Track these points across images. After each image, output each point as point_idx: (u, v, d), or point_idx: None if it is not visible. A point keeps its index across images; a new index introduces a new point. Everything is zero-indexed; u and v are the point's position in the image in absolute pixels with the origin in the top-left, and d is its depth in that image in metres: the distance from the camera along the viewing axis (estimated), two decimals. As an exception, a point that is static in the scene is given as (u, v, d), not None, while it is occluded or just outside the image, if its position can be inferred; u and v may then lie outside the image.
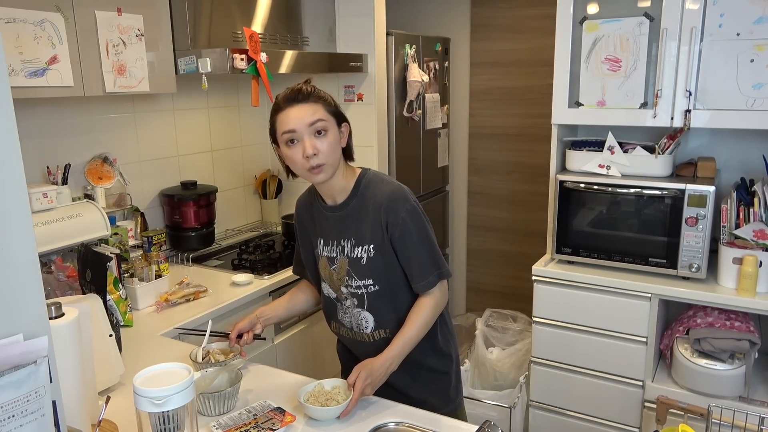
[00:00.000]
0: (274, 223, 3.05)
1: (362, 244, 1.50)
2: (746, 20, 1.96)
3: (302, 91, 1.42)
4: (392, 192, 1.50)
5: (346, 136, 1.51)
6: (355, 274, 1.52)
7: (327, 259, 1.57)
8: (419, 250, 1.49)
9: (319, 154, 1.40)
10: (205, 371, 1.41)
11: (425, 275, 1.50)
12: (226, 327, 2.09)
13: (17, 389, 0.69)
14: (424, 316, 1.50)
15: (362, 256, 1.50)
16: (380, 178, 1.54)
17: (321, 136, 1.41)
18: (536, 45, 3.41)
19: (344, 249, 1.53)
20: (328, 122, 1.43)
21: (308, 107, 1.41)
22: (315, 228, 1.60)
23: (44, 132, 2.12)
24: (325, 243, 1.57)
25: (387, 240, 1.48)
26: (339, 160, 1.48)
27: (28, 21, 1.68)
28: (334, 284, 1.58)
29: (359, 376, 1.37)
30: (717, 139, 2.38)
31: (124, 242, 2.16)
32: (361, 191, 1.52)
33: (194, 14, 2.16)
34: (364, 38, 2.77)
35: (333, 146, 1.44)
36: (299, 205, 1.68)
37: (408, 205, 1.48)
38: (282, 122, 1.43)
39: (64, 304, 1.17)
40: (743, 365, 2.00)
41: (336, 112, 1.47)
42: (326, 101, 1.45)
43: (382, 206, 1.48)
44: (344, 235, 1.52)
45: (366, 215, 1.50)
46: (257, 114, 3.06)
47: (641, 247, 2.20)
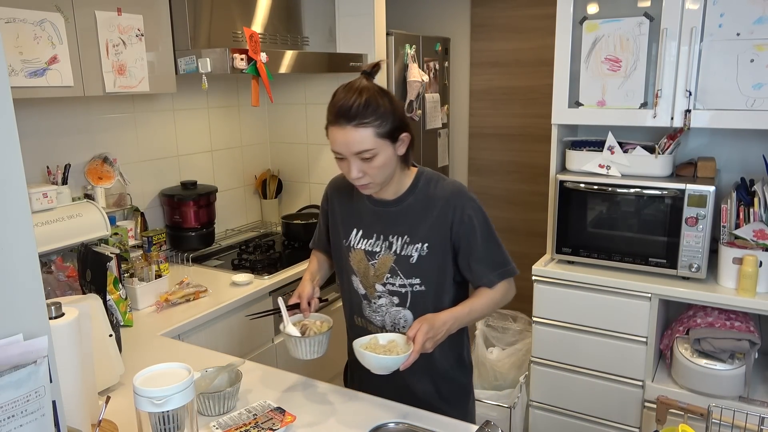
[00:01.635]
0: (274, 223, 3.05)
1: (416, 242, 1.44)
2: (746, 20, 1.96)
3: (352, 109, 1.30)
4: (455, 189, 1.45)
5: (405, 146, 1.41)
6: (401, 272, 1.46)
7: (365, 253, 1.50)
8: (485, 247, 1.44)
9: (365, 176, 1.36)
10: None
11: (488, 273, 1.44)
12: (226, 329, 2.10)
13: (17, 389, 0.69)
14: (494, 295, 1.45)
15: (413, 254, 1.44)
16: (438, 176, 1.49)
17: (368, 160, 1.34)
18: (536, 45, 3.41)
19: (392, 245, 1.46)
20: (377, 149, 1.33)
21: (356, 134, 1.31)
22: (351, 218, 1.54)
23: (44, 132, 2.12)
24: (365, 236, 1.50)
25: (447, 238, 1.43)
26: (392, 174, 1.42)
27: (28, 21, 1.68)
28: (367, 280, 1.51)
29: (420, 329, 1.29)
30: (717, 139, 2.38)
31: (124, 242, 2.16)
32: (420, 188, 1.46)
33: (194, 14, 2.16)
34: (364, 38, 2.77)
35: (382, 168, 1.37)
36: (334, 188, 1.61)
37: (472, 202, 1.44)
38: (330, 138, 1.37)
39: (64, 304, 1.17)
40: (743, 365, 2.00)
41: (390, 131, 1.35)
42: (379, 122, 1.32)
43: (446, 203, 1.43)
44: (395, 231, 1.46)
45: (425, 212, 1.44)
46: (257, 114, 3.06)
47: (641, 247, 2.20)
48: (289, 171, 3.14)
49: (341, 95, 1.33)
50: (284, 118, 3.09)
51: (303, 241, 2.75)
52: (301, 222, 2.77)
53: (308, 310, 1.49)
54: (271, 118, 3.13)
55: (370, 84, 1.36)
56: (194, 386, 1.05)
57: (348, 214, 1.55)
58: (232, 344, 2.13)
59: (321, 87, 2.93)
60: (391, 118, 1.34)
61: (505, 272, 1.47)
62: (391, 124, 1.34)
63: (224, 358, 1.63)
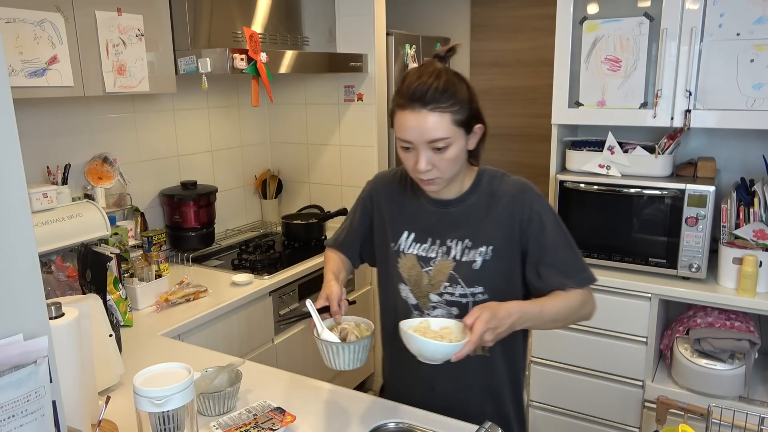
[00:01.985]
0: (274, 223, 3.05)
1: (479, 246, 1.30)
2: (746, 20, 1.96)
3: (429, 93, 1.17)
4: (522, 184, 1.32)
5: (477, 138, 1.28)
6: (462, 280, 1.31)
7: (418, 258, 1.35)
8: (556, 249, 1.28)
9: (434, 169, 1.23)
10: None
11: (560, 279, 1.26)
12: (226, 329, 2.10)
13: (17, 389, 0.69)
14: (570, 301, 1.26)
15: (476, 259, 1.30)
16: (502, 173, 1.36)
17: (441, 151, 1.21)
18: (536, 45, 3.41)
19: (450, 250, 1.32)
20: (452, 138, 1.20)
21: (430, 119, 1.18)
22: (402, 218, 1.39)
23: (44, 132, 2.12)
24: (418, 240, 1.36)
25: (515, 240, 1.29)
26: (459, 170, 1.28)
27: (28, 21, 1.68)
28: (420, 289, 1.36)
29: (480, 316, 1.11)
30: (717, 139, 2.38)
31: (124, 242, 2.16)
32: (483, 186, 1.33)
33: (194, 14, 2.16)
34: (364, 38, 2.77)
35: (454, 161, 1.23)
36: (381, 184, 1.45)
37: (540, 199, 1.30)
38: (399, 124, 1.22)
39: (64, 304, 1.17)
40: (743, 365, 2.00)
41: (467, 119, 1.22)
42: (457, 107, 1.20)
43: (512, 200, 1.29)
44: (454, 235, 1.32)
45: (489, 212, 1.31)
46: (257, 114, 3.06)
47: (641, 247, 2.20)
48: (289, 171, 3.14)
49: (415, 77, 1.20)
50: (284, 118, 3.09)
51: (303, 241, 2.75)
52: (301, 222, 2.77)
53: (339, 313, 1.32)
54: (271, 118, 3.13)
55: (446, 67, 1.24)
56: (194, 386, 1.05)
57: (398, 214, 1.40)
58: (232, 344, 2.13)
59: (321, 87, 2.94)
60: (468, 106, 1.22)
61: (582, 279, 1.28)
62: (468, 112, 1.22)
63: (224, 358, 1.63)
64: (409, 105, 1.19)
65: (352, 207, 1.53)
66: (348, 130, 2.91)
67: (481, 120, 1.28)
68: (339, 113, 2.91)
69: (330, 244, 1.56)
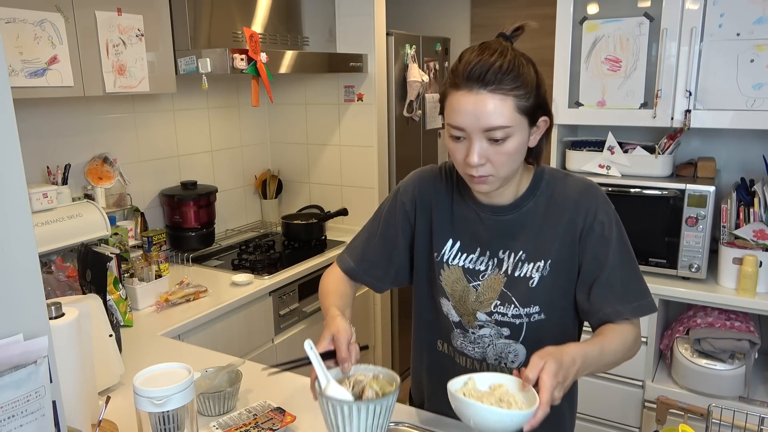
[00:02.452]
0: (274, 223, 3.05)
1: (536, 260, 1.14)
2: (746, 20, 1.96)
3: (491, 70, 1.00)
4: (586, 186, 1.15)
5: (540, 133, 1.11)
6: (516, 299, 1.15)
7: (465, 271, 1.19)
8: (616, 268, 1.11)
9: (487, 164, 1.05)
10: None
11: (616, 303, 1.10)
12: (226, 329, 2.10)
13: (17, 389, 0.69)
14: (626, 337, 1.09)
15: (533, 276, 1.14)
16: (564, 174, 1.20)
17: (498, 143, 1.04)
18: (536, 45, 3.41)
19: (503, 263, 1.16)
20: (514, 127, 1.03)
21: (492, 101, 1.00)
22: (446, 224, 1.22)
23: (44, 132, 2.12)
24: (464, 249, 1.19)
25: (574, 251, 1.13)
26: (517, 169, 1.11)
27: (28, 21, 1.68)
28: (465, 306, 1.20)
29: (545, 369, 0.90)
30: (717, 139, 2.38)
31: (124, 242, 2.16)
32: (541, 189, 1.16)
33: (194, 14, 2.16)
34: (364, 38, 2.77)
35: (512, 156, 1.05)
36: (423, 184, 1.25)
37: (607, 206, 1.14)
38: (451, 107, 1.04)
39: (64, 304, 1.17)
40: (743, 365, 2.00)
41: (532, 108, 1.05)
42: (522, 92, 1.02)
43: (575, 205, 1.13)
44: (508, 246, 1.16)
45: (547, 220, 1.14)
46: (257, 114, 3.06)
47: (641, 246, 2.18)
48: (289, 171, 3.14)
49: (475, 55, 1.03)
50: (284, 118, 3.09)
51: (303, 241, 2.75)
52: (301, 222, 2.77)
53: (349, 360, 1.04)
54: (271, 118, 3.13)
55: (513, 47, 1.08)
56: (194, 386, 1.05)
57: (442, 219, 1.22)
58: (232, 344, 2.13)
59: (321, 87, 2.94)
60: (535, 93, 1.05)
61: (640, 307, 1.12)
62: (534, 99, 1.05)
63: (224, 358, 1.63)
64: (466, 84, 1.02)
65: (378, 216, 1.29)
66: (348, 130, 2.91)
67: (548, 112, 1.10)
68: (339, 113, 2.91)
69: (342, 262, 1.29)
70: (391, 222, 1.27)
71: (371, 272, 1.28)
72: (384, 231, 1.27)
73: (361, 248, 1.29)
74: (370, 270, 1.28)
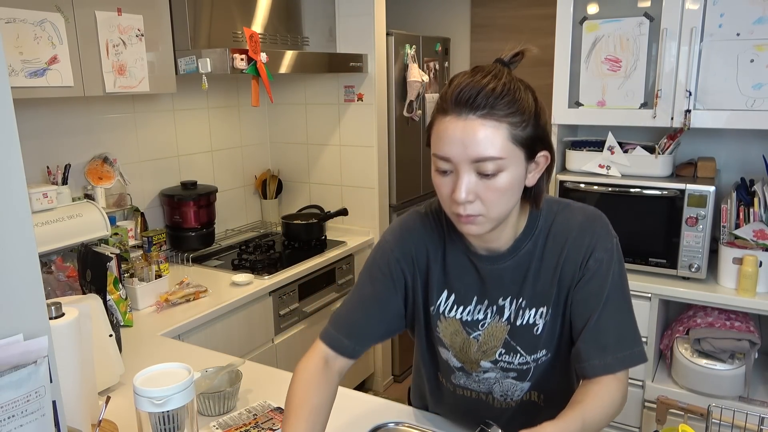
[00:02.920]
0: (274, 223, 3.05)
1: (538, 306, 1.05)
2: (746, 20, 1.96)
3: (481, 94, 0.90)
4: (588, 217, 1.04)
5: (540, 171, 0.99)
6: (521, 348, 1.07)
7: (463, 323, 1.10)
8: (609, 311, 0.99)
9: (476, 202, 0.93)
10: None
11: (601, 354, 0.98)
12: (226, 329, 2.10)
13: (17, 389, 0.69)
14: (611, 398, 0.97)
15: (537, 322, 1.05)
16: (564, 204, 1.08)
17: (489, 177, 0.92)
18: (536, 45, 3.40)
19: (504, 311, 1.07)
20: (508, 160, 0.91)
21: (482, 128, 0.89)
22: (439, 274, 1.11)
23: (44, 132, 2.12)
24: (459, 301, 1.09)
25: (572, 288, 1.03)
26: (511, 209, 0.98)
27: (28, 21, 1.68)
28: (466, 355, 1.12)
29: None
30: (717, 139, 2.38)
31: (124, 242, 2.16)
32: (539, 229, 1.04)
33: (194, 14, 2.16)
34: (364, 38, 2.77)
35: (505, 194, 0.93)
36: (408, 236, 1.12)
37: (607, 241, 1.01)
38: (437, 135, 0.94)
39: (64, 304, 1.17)
40: (743, 365, 2.00)
41: (530, 139, 0.93)
42: (518, 119, 0.91)
43: (572, 240, 1.02)
44: (508, 293, 1.06)
45: (546, 261, 1.04)
46: (257, 114, 3.06)
47: (641, 246, 2.20)
48: (289, 171, 3.14)
49: (466, 77, 0.93)
50: (284, 118, 3.09)
51: (303, 241, 2.75)
52: (301, 222, 2.77)
53: None
54: (271, 118, 3.13)
55: (510, 72, 0.98)
56: (194, 386, 1.05)
57: (435, 270, 1.11)
58: (232, 344, 2.13)
59: (321, 87, 2.94)
60: (533, 122, 0.93)
61: (632, 356, 1.00)
62: (532, 129, 0.93)
63: (224, 358, 1.63)
64: (454, 109, 0.91)
65: (365, 279, 1.14)
66: (348, 130, 2.91)
67: (549, 147, 0.98)
68: (339, 113, 2.91)
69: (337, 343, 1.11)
70: (383, 282, 1.11)
71: (369, 343, 1.12)
72: (377, 293, 1.11)
73: (356, 319, 1.12)
74: (369, 342, 1.12)
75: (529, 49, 1.02)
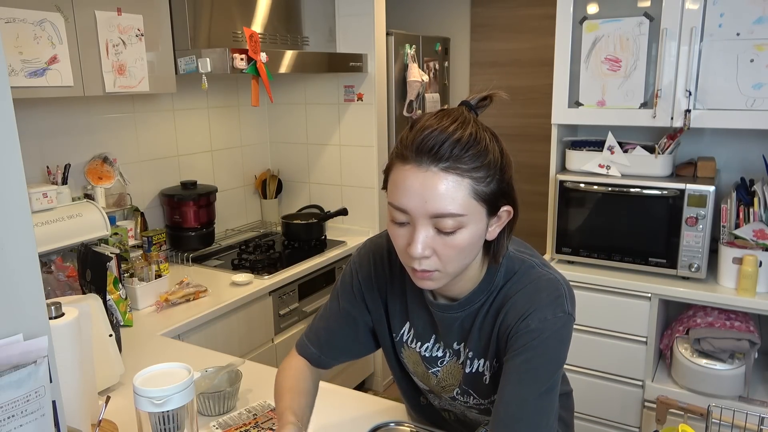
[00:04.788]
0: (274, 223, 3.05)
1: (482, 357, 1.02)
2: (746, 20, 1.96)
3: (445, 144, 0.84)
4: (537, 286, 0.96)
5: (501, 225, 0.94)
6: (475, 393, 1.06)
7: (423, 358, 1.09)
8: (521, 383, 0.91)
9: (432, 257, 0.89)
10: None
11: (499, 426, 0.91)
12: (226, 329, 2.10)
13: (17, 389, 0.69)
14: None
15: (485, 373, 1.02)
16: (530, 265, 1.00)
17: (448, 235, 0.87)
18: (536, 45, 3.41)
19: (460, 354, 1.04)
20: (469, 216, 0.87)
21: (444, 182, 0.84)
22: (401, 306, 1.09)
23: (44, 132, 2.12)
24: (419, 337, 1.08)
25: (505, 348, 0.97)
26: (470, 262, 0.95)
27: (28, 21, 1.68)
28: (430, 385, 1.13)
29: None
30: (717, 139, 2.38)
31: (124, 242, 2.16)
32: (496, 284, 1.00)
33: (194, 14, 2.16)
34: (364, 38, 2.77)
35: (463, 251, 0.89)
36: (374, 258, 1.11)
37: (551, 313, 0.93)
38: (395, 184, 0.88)
39: (64, 304, 1.17)
40: (743, 365, 2.00)
41: (494, 195, 0.88)
42: (482, 174, 0.86)
43: (512, 300, 0.97)
44: (461, 340, 1.04)
45: (489, 318, 1.00)
46: (257, 114, 3.06)
47: (641, 246, 2.20)
48: (289, 171, 3.14)
49: (430, 121, 0.87)
50: (284, 118, 3.09)
51: (303, 240, 2.75)
52: (301, 222, 2.78)
53: None
54: (271, 118, 3.13)
55: (477, 119, 0.92)
56: (194, 386, 1.05)
57: (398, 300, 1.09)
58: (232, 344, 2.13)
59: (321, 87, 2.94)
60: (498, 176, 0.88)
61: None
62: (497, 185, 0.88)
63: (224, 358, 1.63)
64: (415, 158, 0.85)
65: (336, 294, 1.15)
66: (348, 130, 2.91)
67: (513, 201, 0.93)
68: (339, 113, 2.92)
69: (301, 348, 1.15)
70: (350, 300, 1.12)
71: (338, 357, 1.14)
72: (345, 310, 1.12)
73: (324, 331, 1.14)
74: (338, 355, 1.14)
75: (498, 93, 0.97)
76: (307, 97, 2.99)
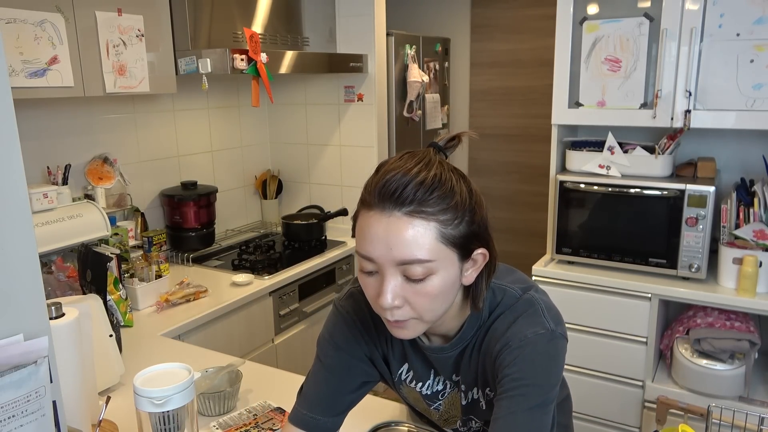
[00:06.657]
0: (274, 224, 3.05)
1: (475, 386, 1.02)
2: (746, 20, 1.96)
3: (408, 187, 0.81)
4: (515, 311, 0.94)
5: (478, 269, 0.90)
6: (476, 418, 1.06)
7: (423, 396, 1.08)
8: (514, 399, 0.88)
9: (405, 307, 0.86)
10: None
11: None
12: (227, 329, 2.10)
13: (17, 389, 0.69)
14: None
15: (480, 400, 1.02)
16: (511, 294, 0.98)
17: (417, 282, 0.84)
18: (536, 45, 3.41)
19: (459, 384, 1.03)
20: (438, 262, 0.83)
21: (409, 228, 0.81)
22: (396, 348, 1.06)
23: (44, 132, 2.12)
24: (418, 378, 1.06)
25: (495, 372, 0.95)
26: (447, 309, 0.91)
27: (29, 21, 1.68)
28: (432, 418, 1.13)
29: None
30: (717, 139, 2.38)
31: (125, 242, 2.16)
32: (483, 320, 0.97)
33: (194, 14, 2.16)
34: (364, 38, 2.77)
35: (436, 298, 0.86)
36: (345, 324, 1.05)
37: (530, 332, 0.90)
38: (360, 232, 0.85)
39: (64, 305, 1.17)
40: (743, 365, 2.00)
41: (464, 238, 0.85)
42: (449, 216, 0.83)
43: (494, 331, 0.95)
44: (458, 373, 1.03)
45: (479, 350, 0.98)
46: (257, 114, 3.06)
47: (641, 247, 2.20)
48: (289, 171, 3.14)
49: (394, 164, 0.84)
50: (284, 118, 3.09)
51: (303, 241, 2.75)
52: (301, 222, 2.78)
53: None
54: (271, 118, 3.13)
55: (443, 160, 0.88)
56: (194, 386, 1.05)
57: (393, 343, 1.06)
58: (232, 344, 2.13)
59: (321, 87, 2.94)
60: (468, 218, 0.84)
61: None
62: (467, 227, 0.84)
63: (224, 358, 1.63)
64: (378, 204, 0.82)
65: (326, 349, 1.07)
66: (348, 130, 2.91)
67: (487, 243, 0.89)
68: (339, 113, 2.92)
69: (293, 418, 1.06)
70: (346, 350, 1.05)
71: (340, 416, 1.08)
72: (341, 362, 1.05)
73: (317, 395, 1.06)
74: (345, 408, 1.08)
75: (466, 133, 0.95)
76: (308, 97, 2.99)
